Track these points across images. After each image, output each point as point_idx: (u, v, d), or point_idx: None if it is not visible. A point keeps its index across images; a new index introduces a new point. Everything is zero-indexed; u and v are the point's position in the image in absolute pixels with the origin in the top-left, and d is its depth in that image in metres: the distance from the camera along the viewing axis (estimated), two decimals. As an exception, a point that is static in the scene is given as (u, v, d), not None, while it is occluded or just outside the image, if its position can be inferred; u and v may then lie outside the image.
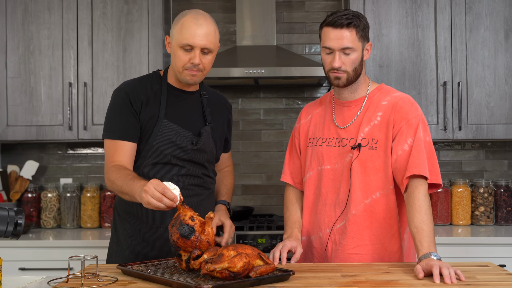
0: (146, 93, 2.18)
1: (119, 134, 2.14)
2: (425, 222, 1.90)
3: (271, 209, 3.83)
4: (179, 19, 2.13)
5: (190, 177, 2.19)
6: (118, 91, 2.20)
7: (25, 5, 3.44)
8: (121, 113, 2.15)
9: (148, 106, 2.16)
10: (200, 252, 1.76)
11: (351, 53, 2.06)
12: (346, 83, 2.10)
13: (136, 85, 2.20)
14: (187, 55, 2.09)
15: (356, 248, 2.10)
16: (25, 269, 3.11)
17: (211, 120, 2.26)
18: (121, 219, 2.23)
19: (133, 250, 2.17)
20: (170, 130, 2.15)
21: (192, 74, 2.12)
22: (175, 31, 2.12)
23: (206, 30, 2.09)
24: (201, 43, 2.07)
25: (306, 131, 2.27)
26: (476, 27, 3.39)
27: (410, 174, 1.98)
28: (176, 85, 2.22)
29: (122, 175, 2.03)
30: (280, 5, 3.81)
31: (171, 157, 2.15)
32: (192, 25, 2.08)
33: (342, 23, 2.03)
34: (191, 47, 2.08)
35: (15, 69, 3.44)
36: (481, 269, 1.91)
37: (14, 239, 1.65)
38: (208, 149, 2.23)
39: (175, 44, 2.11)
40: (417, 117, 2.06)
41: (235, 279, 1.65)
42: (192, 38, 2.06)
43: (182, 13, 2.15)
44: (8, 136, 3.44)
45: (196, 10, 2.15)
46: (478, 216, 3.52)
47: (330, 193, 2.15)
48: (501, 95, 3.38)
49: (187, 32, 2.07)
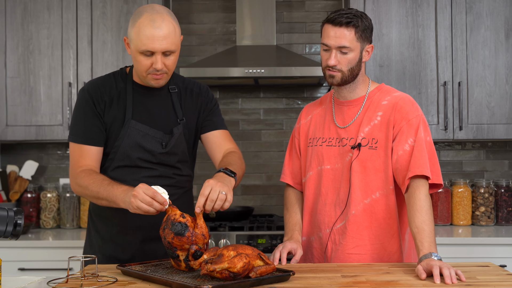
0: (110, 93, 2.09)
1: (83, 138, 2.07)
2: (426, 222, 1.89)
3: (271, 209, 3.82)
4: (135, 20, 1.97)
5: (161, 178, 2.11)
6: (82, 92, 2.11)
7: (24, 4, 3.43)
8: (85, 115, 2.08)
9: (112, 107, 2.08)
10: (197, 247, 1.75)
11: (348, 52, 2.04)
12: (341, 82, 2.09)
13: (99, 84, 2.11)
14: (148, 59, 1.97)
15: (356, 248, 2.09)
16: (25, 270, 3.11)
17: (183, 116, 2.15)
18: (93, 222, 2.20)
19: (104, 253, 2.14)
20: (138, 131, 2.07)
21: (156, 78, 2.02)
22: (132, 34, 1.97)
23: (165, 31, 1.94)
24: (161, 47, 1.94)
25: (306, 131, 2.27)
26: (476, 27, 3.39)
27: (412, 175, 1.97)
28: (142, 83, 2.12)
29: (97, 180, 1.97)
30: (280, 5, 3.81)
31: (138, 160, 2.08)
32: (149, 28, 1.93)
33: (341, 22, 2.02)
34: (151, 53, 1.95)
35: (15, 69, 3.43)
36: (482, 269, 1.90)
37: (13, 239, 1.65)
38: (179, 150, 2.14)
39: (134, 48, 1.98)
40: (418, 117, 2.06)
41: (235, 280, 1.64)
42: (151, 44, 1.93)
43: (138, 12, 1.99)
44: (7, 136, 3.43)
45: (151, 7, 1.99)
46: (479, 216, 3.52)
47: (330, 193, 2.14)
48: (502, 95, 3.38)
49: (144, 37, 1.93)
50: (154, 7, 1.98)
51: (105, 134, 2.08)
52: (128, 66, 2.19)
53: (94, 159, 2.08)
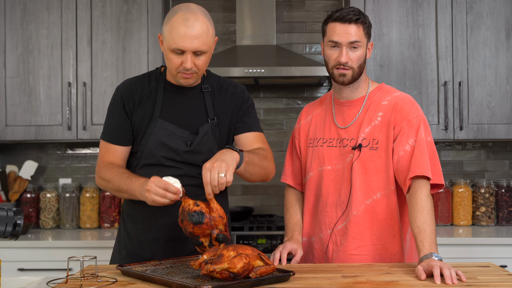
0: (141, 92, 2.12)
1: (109, 136, 2.13)
2: (427, 223, 1.89)
3: (271, 209, 3.82)
4: (169, 18, 1.98)
5: (186, 178, 2.10)
6: (116, 91, 2.16)
7: (24, 4, 3.43)
8: (113, 115, 2.13)
9: (140, 106, 2.10)
10: (218, 230, 1.80)
11: (358, 48, 2.05)
12: (351, 80, 2.08)
13: (133, 83, 2.14)
14: (179, 58, 1.97)
15: (357, 249, 2.08)
16: (24, 270, 3.10)
17: (214, 115, 2.13)
18: (123, 219, 2.22)
19: (128, 250, 2.16)
20: (164, 130, 2.07)
21: (186, 77, 2.02)
22: (166, 32, 1.98)
23: (198, 31, 1.93)
24: (192, 46, 1.94)
25: (306, 131, 2.26)
26: (477, 27, 3.38)
27: (413, 175, 1.97)
28: (174, 82, 2.13)
29: (117, 173, 2.03)
30: (280, 5, 3.80)
31: (163, 158, 2.09)
32: (181, 27, 1.93)
33: (350, 19, 2.03)
34: (181, 51, 1.96)
35: (14, 68, 3.43)
36: (482, 269, 1.90)
37: (13, 239, 1.64)
38: (205, 150, 2.11)
39: (166, 46, 1.99)
40: (418, 117, 2.05)
41: (235, 280, 1.63)
42: (182, 42, 1.93)
43: (173, 10, 2.00)
44: (7, 136, 3.43)
45: (187, 6, 1.98)
46: (479, 217, 3.51)
47: (331, 193, 2.14)
48: (502, 95, 3.37)
49: (176, 35, 1.93)
50: (189, 6, 1.98)
51: (132, 134, 2.12)
52: (163, 66, 2.19)
53: (119, 157, 2.13)
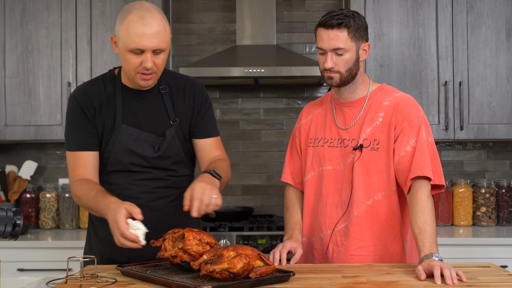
0: (99, 98, 2.05)
1: (77, 144, 2.03)
2: (427, 223, 1.89)
3: (271, 209, 3.81)
4: (123, 18, 1.91)
5: (155, 181, 2.08)
6: (70, 100, 2.07)
7: (23, 4, 3.42)
8: (76, 122, 2.04)
9: (102, 113, 2.04)
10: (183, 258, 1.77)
11: (343, 53, 2.03)
12: (340, 83, 2.08)
13: (87, 90, 2.06)
14: (138, 58, 1.91)
15: (359, 249, 2.08)
16: (24, 270, 3.10)
17: (175, 117, 2.08)
18: (93, 224, 2.19)
19: (103, 255, 2.13)
20: (129, 136, 2.02)
21: (145, 78, 1.95)
22: (121, 32, 1.90)
23: (156, 29, 1.88)
24: (151, 45, 1.88)
25: (307, 131, 2.25)
26: (477, 26, 3.38)
27: (414, 176, 1.97)
28: (130, 86, 2.06)
29: (86, 190, 1.96)
30: (280, 4, 3.80)
31: (130, 165, 2.05)
32: (139, 25, 1.87)
33: (332, 24, 2.01)
34: (141, 51, 1.89)
35: (14, 68, 3.42)
36: (483, 270, 1.90)
37: (12, 239, 1.64)
38: (173, 153, 2.08)
39: (122, 46, 1.91)
40: (419, 117, 2.05)
41: (234, 280, 1.63)
42: (141, 41, 1.87)
43: (126, 9, 1.92)
44: (6, 136, 3.42)
45: (140, 4, 1.92)
46: (480, 217, 3.51)
47: (331, 194, 2.13)
48: (503, 94, 3.37)
49: (134, 35, 1.86)
50: (143, 4, 1.92)
51: (98, 139, 2.06)
52: (117, 68, 2.12)
53: (90, 166, 2.05)
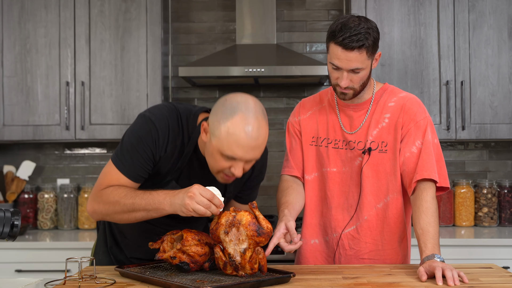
0: (174, 145, 1.88)
1: (128, 171, 1.86)
2: (431, 224, 1.87)
3: (271, 210, 3.79)
4: (226, 118, 1.71)
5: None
6: (147, 123, 1.86)
7: (21, 3, 3.40)
8: (141, 150, 1.85)
9: (166, 160, 1.89)
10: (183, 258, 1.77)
11: (360, 71, 1.96)
12: (353, 97, 2.02)
13: (171, 127, 1.88)
14: (228, 163, 1.76)
15: (370, 253, 2.07)
16: (22, 271, 3.07)
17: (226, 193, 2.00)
18: (110, 226, 2.14)
19: (116, 256, 2.13)
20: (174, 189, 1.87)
21: (228, 180, 1.84)
22: (218, 132, 1.72)
23: (260, 142, 1.73)
24: (248, 157, 1.74)
25: (307, 127, 2.17)
26: (479, 26, 3.35)
27: (420, 178, 1.95)
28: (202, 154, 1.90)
29: (129, 192, 1.82)
30: (281, 3, 3.78)
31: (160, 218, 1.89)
32: (242, 136, 1.70)
33: (353, 46, 1.90)
34: (235, 160, 1.75)
35: (12, 68, 3.40)
36: (485, 271, 1.89)
37: (10, 240, 1.63)
38: None
39: (216, 146, 1.74)
40: (425, 118, 2.03)
41: (230, 278, 1.61)
42: (239, 153, 1.72)
43: (230, 107, 1.73)
44: (4, 136, 3.40)
45: (246, 105, 1.73)
46: (482, 217, 3.49)
47: (336, 196, 2.10)
48: (505, 94, 3.35)
49: (234, 145, 1.71)
50: (248, 105, 1.73)
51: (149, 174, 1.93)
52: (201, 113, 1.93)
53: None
